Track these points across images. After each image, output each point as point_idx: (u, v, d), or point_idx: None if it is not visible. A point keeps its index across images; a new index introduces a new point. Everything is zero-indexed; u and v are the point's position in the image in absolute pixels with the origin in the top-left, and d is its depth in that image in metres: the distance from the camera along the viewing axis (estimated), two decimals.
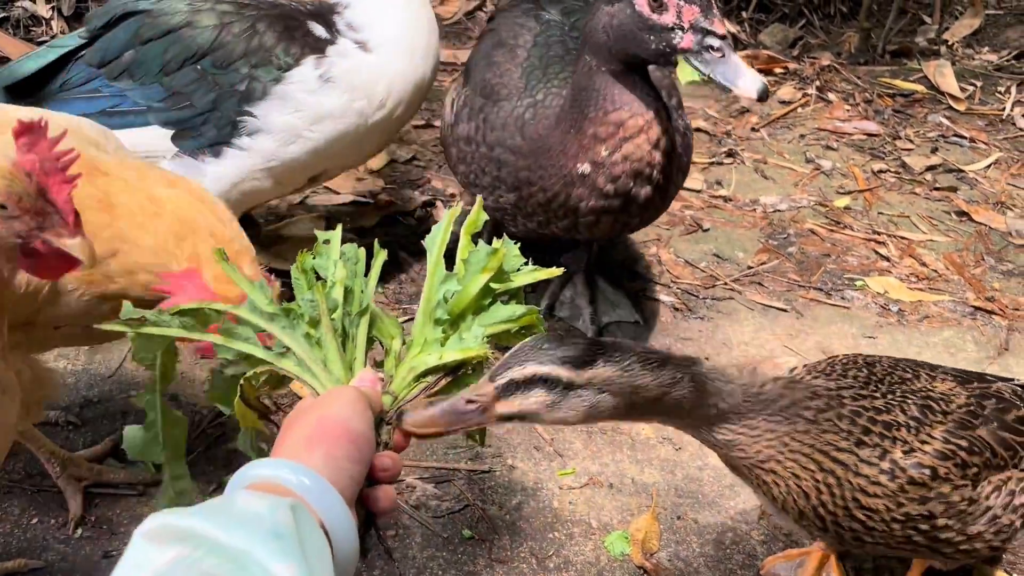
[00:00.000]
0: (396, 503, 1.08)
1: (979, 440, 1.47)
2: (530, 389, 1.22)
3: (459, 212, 1.30)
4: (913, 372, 1.59)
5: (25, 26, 4.06)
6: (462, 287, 1.20)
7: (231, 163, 2.15)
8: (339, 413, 1.01)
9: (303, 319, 1.19)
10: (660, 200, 2.04)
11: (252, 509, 0.81)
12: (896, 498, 1.42)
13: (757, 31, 4.69)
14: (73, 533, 1.83)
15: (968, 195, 3.35)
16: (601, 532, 1.92)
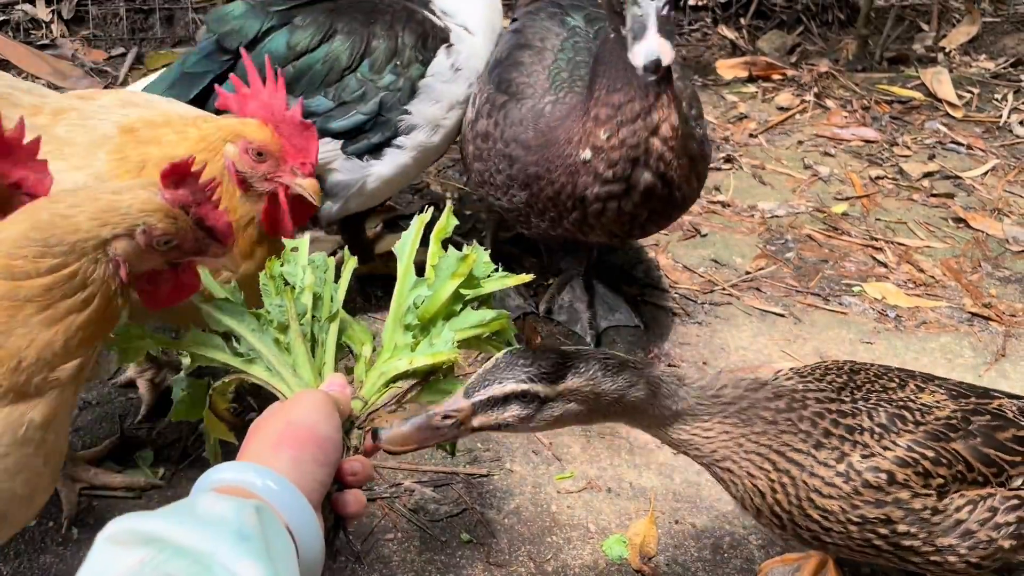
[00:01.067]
0: (365, 507, 1.08)
1: (950, 452, 1.47)
2: (507, 404, 1.28)
3: (428, 218, 1.31)
4: (900, 382, 1.58)
5: (25, 29, 4.06)
6: (432, 292, 1.21)
7: (390, 160, 2.27)
8: (306, 417, 1.01)
9: (272, 324, 1.20)
10: (669, 195, 1.99)
11: (217, 511, 0.81)
12: (851, 500, 1.44)
13: (755, 38, 4.70)
14: (68, 533, 1.83)
15: (965, 202, 3.36)
16: (599, 536, 1.92)
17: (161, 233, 1.24)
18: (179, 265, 1.32)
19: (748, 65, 4.37)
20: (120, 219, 1.21)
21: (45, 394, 1.19)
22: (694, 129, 2.09)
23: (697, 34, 4.77)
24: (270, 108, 1.75)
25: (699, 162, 2.12)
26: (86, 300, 1.19)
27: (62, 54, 3.97)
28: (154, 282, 1.31)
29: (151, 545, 0.76)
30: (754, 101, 4.09)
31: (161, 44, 4.17)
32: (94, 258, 1.20)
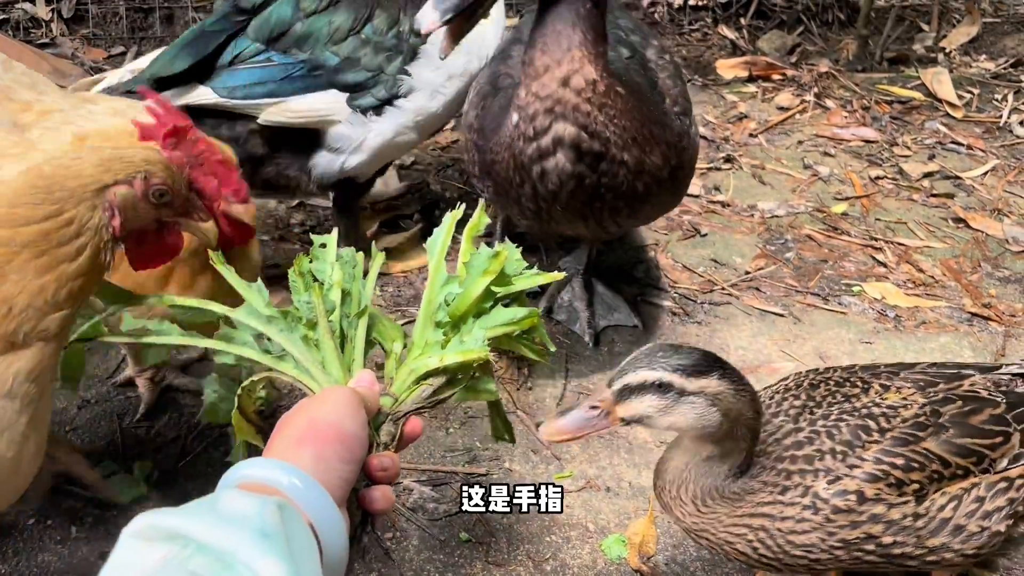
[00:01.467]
0: (393, 504, 1.08)
1: (922, 453, 1.43)
2: (643, 394, 1.32)
3: (460, 215, 1.30)
4: (863, 385, 1.54)
5: (25, 28, 4.06)
6: (463, 290, 1.20)
7: (391, 119, 2.37)
8: (330, 414, 1.01)
9: (300, 321, 1.19)
10: (627, 170, 1.94)
11: (239, 508, 0.81)
12: (825, 528, 1.41)
13: (755, 37, 4.70)
14: (67, 531, 1.82)
15: (965, 202, 3.36)
16: (598, 536, 1.92)
17: (159, 182, 1.28)
18: (165, 227, 1.36)
19: (748, 65, 4.37)
20: (123, 166, 1.25)
21: (31, 346, 1.21)
22: (672, 121, 2.08)
23: (697, 34, 4.77)
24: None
25: (680, 152, 2.08)
26: (79, 249, 1.22)
27: (62, 53, 3.97)
28: (140, 242, 1.35)
29: (174, 541, 0.76)
30: (754, 101, 4.09)
31: (161, 43, 4.17)
32: (91, 205, 1.23)
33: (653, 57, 2.19)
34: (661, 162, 2.01)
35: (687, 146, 2.13)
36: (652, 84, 2.12)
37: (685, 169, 2.15)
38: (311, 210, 3.01)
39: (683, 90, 2.19)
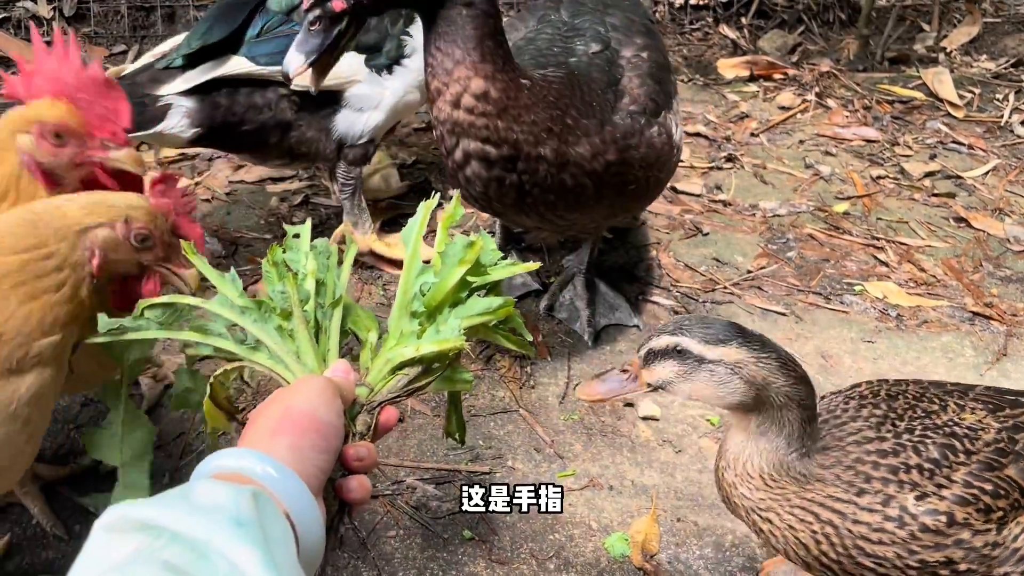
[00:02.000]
0: (370, 493, 1.07)
1: (1007, 481, 1.40)
2: (665, 359, 1.36)
3: (435, 204, 1.31)
4: (940, 403, 1.51)
5: (26, 27, 4.06)
6: (439, 280, 1.20)
7: (400, 79, 2.53)
8: (306, 403, 1.01)
9: (275, 312, 1.19)
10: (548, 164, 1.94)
11: (213, 498, 0.81)
12: (907, 545, 1.37)
13: (756, 37, 4.70)
14: (71, 528, 1.82)
15: (966, 201, 3.36)
16: (601, 534, 1.92)
17: (140, 227, 1.36)
18: (146, 272, 1.43)
19: (749, 64, 4.37)
20: (106, 210, 1.34)
21: (29, 371, 1.28)
22: (618, 117, 2.06)
23: (698, 33, 4.77)
24: (59, 78, 1.56)
25: (624, 150, 2.06)
26: (59, 283, 1.29)
27: None
28: (123, 286, 1.43)
29: (147, 532, 0.76)
30: (755, 100, 4.09)
31: (162, 41, 4.17)
32: (72, 244, 1.31)
33: (628, 55, 2.18)
34: (589, 154, 1.99)
35: (637, 144, 2.09)
36: (611, 81, 2.11)
37: (635, 168, 2.10)
38: (313, 208, 3.01)
39: (653, 90, 2.15)
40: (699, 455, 2.12)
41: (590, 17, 2.24)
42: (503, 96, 1.84)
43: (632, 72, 2.16)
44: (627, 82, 2.13)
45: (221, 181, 3.11)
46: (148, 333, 1.23)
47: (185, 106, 2.36)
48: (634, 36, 2.24)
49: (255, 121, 2.45)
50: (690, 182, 3.34)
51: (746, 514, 1.48)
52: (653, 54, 2.22)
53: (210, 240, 2.78)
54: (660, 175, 2.22)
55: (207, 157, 3.26)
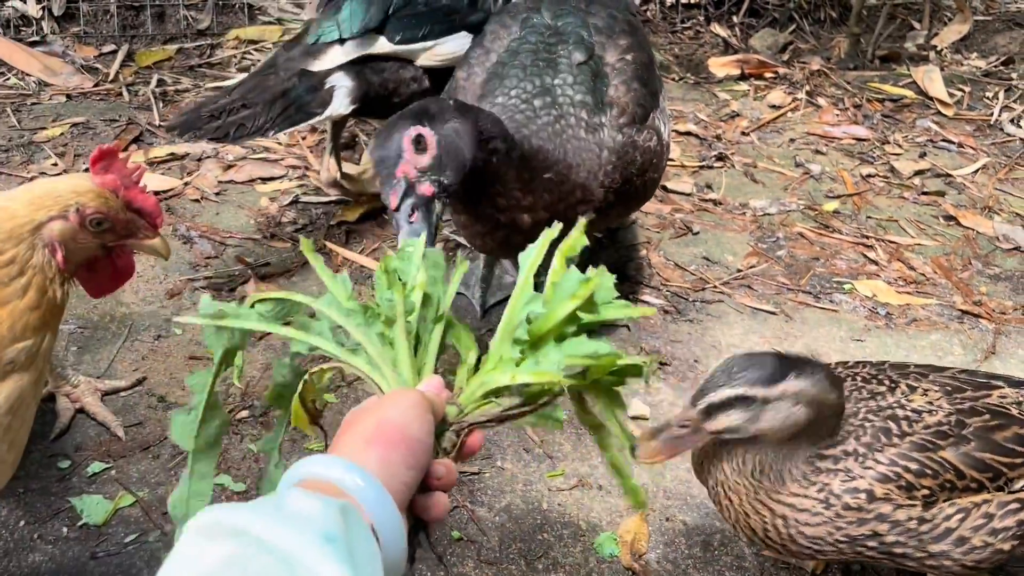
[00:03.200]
0: (447, 512, 1.06)
1: (938, 462, 1.46)
2: (729, 408, 1.41)
3: (556, 233, 1.29)
4: (891, 384, 1.56)
5: (15, 26, 4.04)
6: (547, 311, 1.16)
7: None
8: (399, 417, 1.00)
9: (379, 318, 1.18)
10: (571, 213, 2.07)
11: (304, 509, 0.81)
12: (835, 523, 1.46)
13: (747, 36, 4.71)
14: (58, 531, 1.82)
15: (956, 200, 3.37)
16: (590, 534, 1.92)
17: (93, 211, 1.32)
18: (113, 251, 1.39)
19: (740, 63, 4.37)
20: (54, 201, 1.29)
21: (5, 379, 1.25)
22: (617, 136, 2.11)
23: (689, 32, 4.78)
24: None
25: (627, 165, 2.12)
26: (24, 287, 1.26)
27: (52, 51, 3.96)
28: (92, 269, 1.39)
29: (238, 538, 0.76)
30: (746, 99, 4.10)
31: (152, 41, 4.16)
32: (30, 244, 1.27)
33: (612, 61, 2.18)
34: (602, 193, 2.08)
35: (633, 157, 2.12)
36: (599, 100, 2.12)
37: (634, 178, 2.15)
38: (303, 208, 3.01)
39: (640, 95, 2.17)
40: (688, 454, 2.13)
41: (573, 19, 2.23)
42: None
43: (618, 79, 2.16)
44: (614, 92, 2.14)
45: (211, 181, 3.10)
46: (247, 323, 1.20)
47: (346, 86, 2.65)
48: (617, 37, 2.23)
49: (403, 93, 2.76)
50: (680, 181, 3.34)
51: (713, 484, 1.56)
52: (637, 54, 2.22)
53: (199, 240, 2.77)
54: (655, 176, 2.25)
55: (196, 157, 3.25)
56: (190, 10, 4.25)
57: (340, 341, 1.20)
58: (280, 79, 2.71)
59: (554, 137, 2.03)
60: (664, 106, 2.35)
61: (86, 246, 1.34)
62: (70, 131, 3.37)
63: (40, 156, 3.19)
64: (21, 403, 1.28)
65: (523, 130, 2.03)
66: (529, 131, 2.03)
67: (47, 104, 3.60)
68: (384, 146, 1.78)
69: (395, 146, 1.77)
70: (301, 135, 3.47)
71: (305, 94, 2.68)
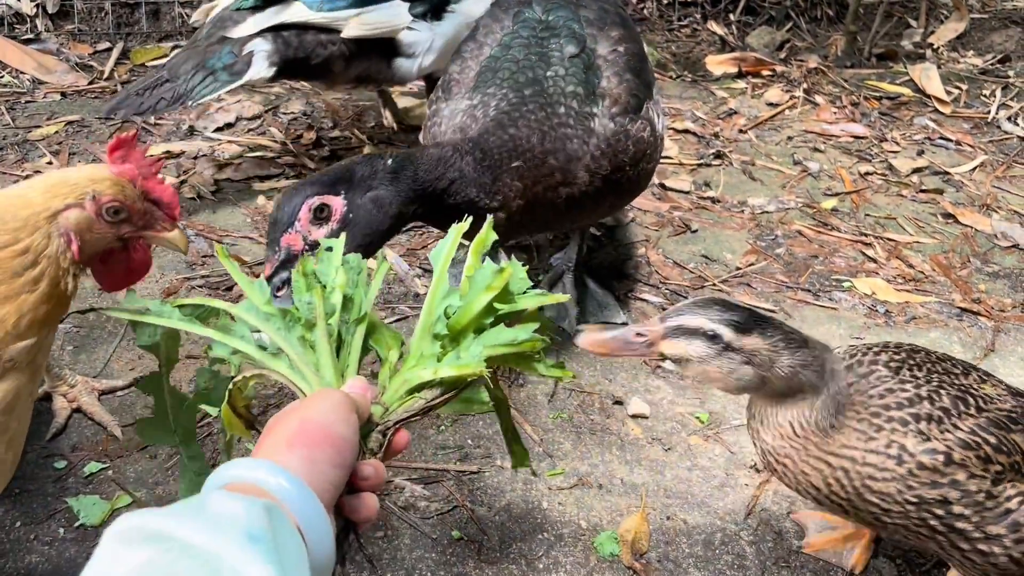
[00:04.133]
0: (376, 512, 1.05)
1: (1011, 443, 1.48)
2: (693, 338, 1.40)
3: (466, 227, 1.29)
4: (964, 370, 1.59)
5: (9, 24, 4.02)
6: (464, 304, 1.18)
7: (449, 22, 2.93)
8: (322, 416, 0.99)
9: (299, 321, 1.18)
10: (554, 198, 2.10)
11: (227, 510, 0.79)
12: (906, 481, 1.46)
13: (744, 34, 4.70)
14: (55, 532, 1.81)
15: (954, 197, 3.37)
16: (591, 533, 1.91)
17: (110, 199, 1.28)
18: (129, 244, 1.35)
19: (738, 61, 4.37)
20: (70, 189, 1.25)
21: (4, 378, 1.22)
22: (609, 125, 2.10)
23: (687, 30, 4.77)
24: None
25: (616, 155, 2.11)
26: (36, 278, 1.22)
27: (47, 48, 3.93)
28: (107, 262, 1.35)
29: (158, 544, 0.74)
30: (744, 97, 4.09)
31: (147, 39, 4.14)
32: (46, 232, 1.23)
33: (604, 52, 2.18)
34: (588, 179, 2.07)
35: (625, 147, 2.12)
36: (590, 91, 2.12)
37: (627, 168, 2.15)
38: None
39: (633, 85, 2.17)
40: (688, 453, 2.12)
41: (564, 12, 2.23)
42: None
43: (610, 71, 2.16)
44: (606, 83, 2.13)
45: (207, 179, 3.09)
46: (169, 321, 1.21)
47: (265, 50, 2.76)
48: (609, 29, 2.23)
49: (321, 55, 2.84)
50: (679, 179, 3.34)
51: (762, 455, 1.57)
52: (629, 45, 2.22)
53: (195, 239, 2.76)
54: (649, 167, 2.25)
55: (192, 155, 3.23)
56: (185, 7, 4.23)
57: (262, 346, 1.19)
58: (200, 48, 2.81)
59: (534, 124, 2.02)
60: (658, 99, 2.35)
61: (102, 237, 1.29)
62: (65, 129, 3.36)
63: (35, 154, 3.17)
64: (18, 402, 1.25)
65: (502, 118, 2.03)
66: (509, 119, 2.03)
67: (41, 102, 3.58)
68: (282, 208, 1.68)
69: (291, 212, 1.66)
70: (297, 133, 3.45)
71: (224, 60, 2.76)
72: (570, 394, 2.28)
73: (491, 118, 2.03)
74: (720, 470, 2.08)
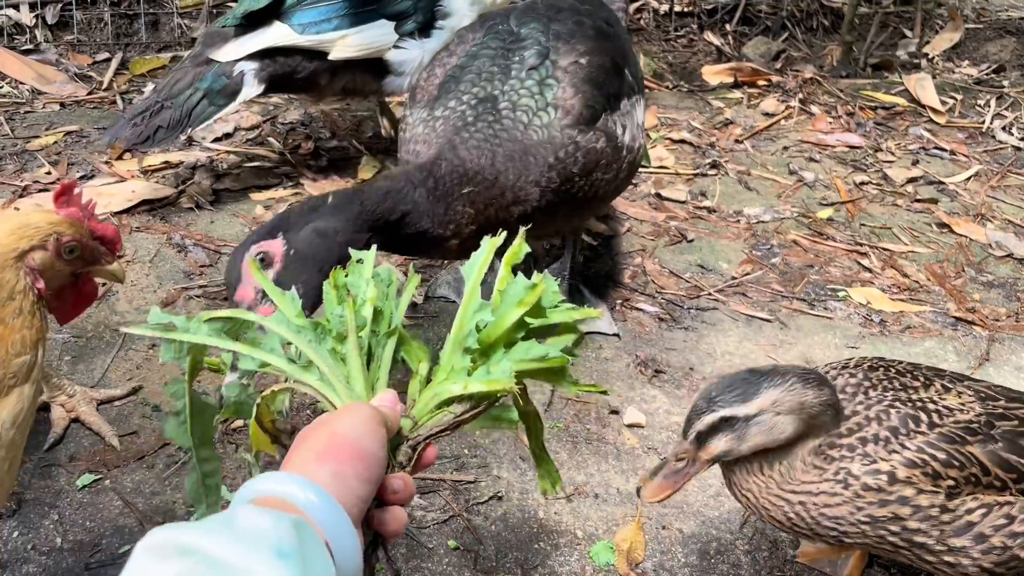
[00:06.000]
0: (405, 526, 1.06)
1: (965, 455, 1.48)
2: (715, 434, 1.47)
3: (500, 242, 1.29)
4: (925, 381, 1.60)
5: (9, 34, 4.04)
6: (496, 319, 1.17)
7: (437, 39, 2.97)
8: (351, 431, 1.00)
9: (330, 334, 1.18)
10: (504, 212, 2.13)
11: (256, 525, 0.80)
12: (854, 502, 1.49)
13: (740, 44, 4.73)
14: (54, 542, 1.81)
15: (949, 207, 3.39)
16: (587, 542, 1.92)
17: (69, 239, 1.44)
18: (78, 277, 1.51)
19: (734, 71, 4.39)
20: (35, 232, 1.40)
21: (10, 394, 1.34)
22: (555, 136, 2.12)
23: (683, 40, 4.79)
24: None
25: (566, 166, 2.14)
26: (15, 311, 1.36)
27: (46, 59, 3.95)
28: (60, 297, 1.49)
29: (188, 557, 0.75)
30: (740, 107, 4.11)
31: (146, 49, 4.16)
32: (15, 270, 1.38)
33: (565, 64, 2.20)
34: (538, 193, 2.10)
35: (573, 158, 2.14)
36: (541, 103, 2.14)
37: (577, 178, 2.16)
38: None
39: (590, 97, 2.17)
40: None
41: (536, 25, 2.25)
42: None
43: (567, 81, 2.17)
44: (561, 93, 2.15)
45: (205, 189, 3.10)
46: (196, 337, 1.20)
47: (253, 69, 2.81)
48: (577, 42, 2.24)
49: (307, 69, 2.88)
50: (675, 188, 3.35)
51: (728, 483, 1.61)
52: (595, 58, 2.23)
53: (193, 249, 2.77)
54: (605, 177, 2.24)
55: (191, 165, 3.24)
56: (184, 18, 4.25)
57: (292, 359, 1.20)
58: (189, 69, 2.85)
59: (483, 144, 2.06)
60: (631, 110, 2.35)
61: (60, 273, 1.45)
62: (64, 139, 3.37)
63: (33, 164, 3.18)
64: (21, 418, 1.35)
65: (454, 139, 2.07)
66: (460, 139, 2.06)
67: (40, 112, 3.59)
68: (230, 270, 1.79)
69: (236, 270, 1.76)
70: (295, 143, 3.47)
71: (218, 83, 2.82)
72: (566, 404, 2.29)
73: (445, 138, 2.08)
74: (715, 479, 2.09)
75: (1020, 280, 2.97)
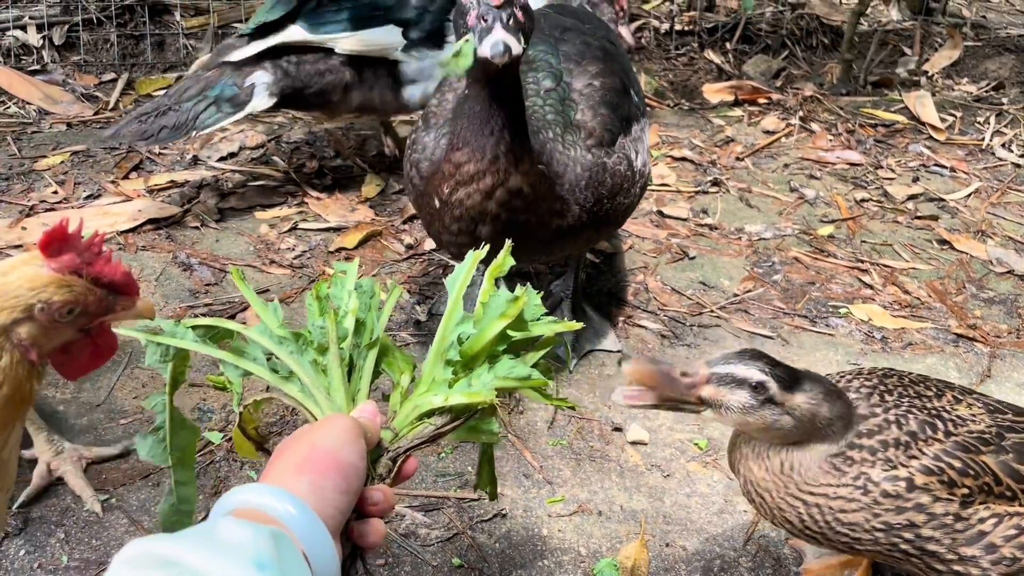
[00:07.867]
0: (383, 538, 1.06)
1: (979, 464, 1.50)
2: (740, 388, 1.42)
3: (483, 254, 1.30)
4: (937, 391, 1.61)
5: (16, 55, 4.07)
6: (478, 331, 1.18)
7: (448, 52, 2.87)
8: (331, 442, 1.00)
9: (311, 345, 1.19)
10: (544, 229, 2.08)
11: (235, 537, 0.81)
12: (872, 509, 1.49)
13: (741, 62, 4.76)
14: (58, 560, 1.82)
15: (949, 224, 3.40)
16: (590, 560, 1.92)
17: (61, 304, 1.18)
18: (91, 329, 1.25)
19: (734, 89, 4.42)
20: (14, 302, 1.16)
21: None
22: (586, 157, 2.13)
23: (684, 59, 4.83)
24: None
25: (599, 185, 2.15)
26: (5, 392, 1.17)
27: (53, 79, 3.99)
28: (69, 352, 1.26)
29: (168, 569, 0.76)
30: (740, 125, 4.14)
31: (152, 70, 4.19)
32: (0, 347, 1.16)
33: (579, 87, 2.22)
34: (578, 213, 2.12)
35: (603, 179, 2.16)
36: (567, 122, 2.16)
37: (604, 200, 2.18)
38: (302, 235, 3.02)
39: (608, 120, 2.20)
40: (687, 479, 2.13)
41: (544, 47, 2.27)
42: (532, 188, 1.97)
43: (585, 104, 2.19)
44: (581, 116, 2.18)
45: (211, 208, 3.12)
46: (183, 343, 1.21)
47: (265, 82, 2.88)
48: (587, 64, 2.26)
49: (319, 84, 2.96)
50: (676, 206, 3.37)
51: (743, 481, 1.59)
52: (607, 79, 2.25)
53: (199, 267, 2.79)
54: (626, 202, 2.27)
55: (196, 184, 3.27)
56: (189, 39, 4.29)
57: (275, 368, 1.21)
58: (202, 76, 2.90)
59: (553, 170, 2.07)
60: (640, 135, 2.37)
61: (61, 335, 1.21)
62: (70, 159, 3.40)
63: (40, 184, 3.21)
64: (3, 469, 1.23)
65: None
66: None
67: (47, 132, 3.62)
68: None
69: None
70: (299, 162, 3.49)
71: (228, 92, 2.87)
72: (569, 421, 2.29)
73: None
74: (719, 496, 2.09)
75: (1021, 296, 2.98)
